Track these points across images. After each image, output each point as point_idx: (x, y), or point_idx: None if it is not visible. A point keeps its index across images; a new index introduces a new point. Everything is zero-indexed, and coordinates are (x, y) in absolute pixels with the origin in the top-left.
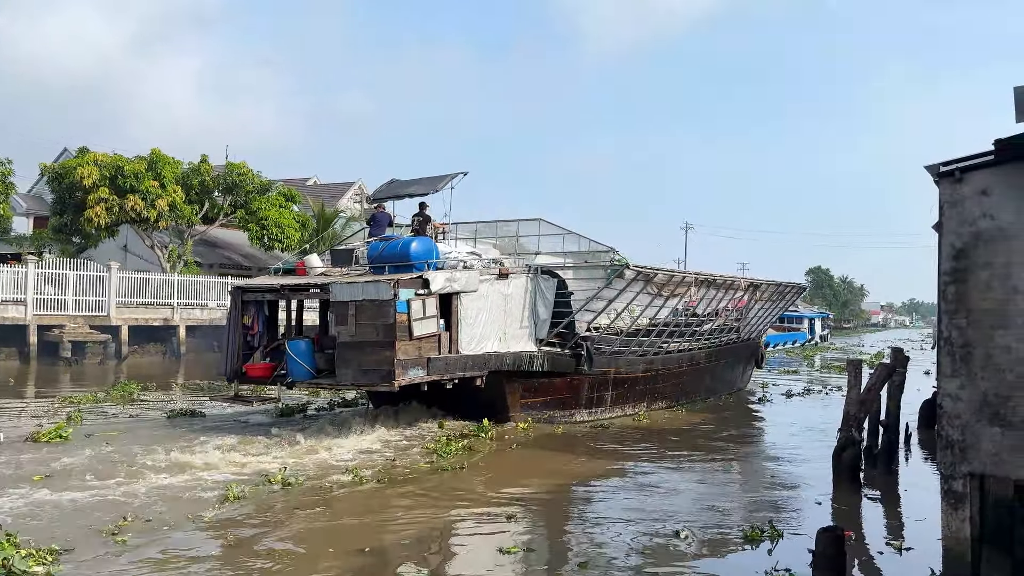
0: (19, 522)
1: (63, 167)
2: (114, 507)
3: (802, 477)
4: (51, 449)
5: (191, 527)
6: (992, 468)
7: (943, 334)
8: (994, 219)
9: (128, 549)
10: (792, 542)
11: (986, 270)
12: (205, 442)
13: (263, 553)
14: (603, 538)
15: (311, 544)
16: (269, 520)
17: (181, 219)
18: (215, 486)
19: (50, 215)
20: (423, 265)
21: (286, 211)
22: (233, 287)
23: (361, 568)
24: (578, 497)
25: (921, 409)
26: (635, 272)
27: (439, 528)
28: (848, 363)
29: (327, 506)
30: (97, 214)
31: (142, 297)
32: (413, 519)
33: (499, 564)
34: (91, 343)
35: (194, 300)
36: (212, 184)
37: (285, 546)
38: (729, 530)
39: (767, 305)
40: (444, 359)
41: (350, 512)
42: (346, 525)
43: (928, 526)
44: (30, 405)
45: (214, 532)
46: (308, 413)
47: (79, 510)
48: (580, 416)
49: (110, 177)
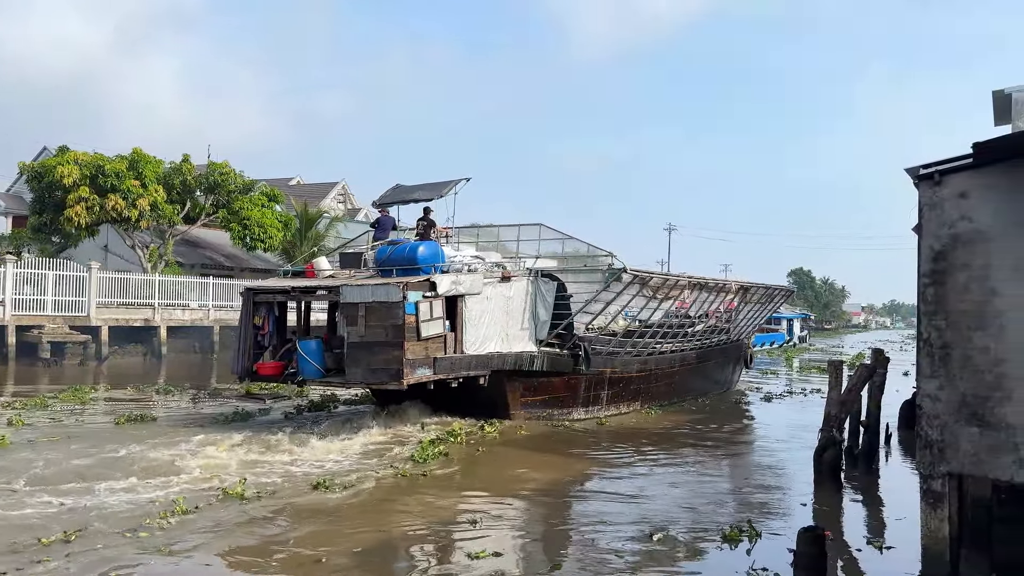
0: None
1: (43, 166)
2: (43, 521)
3: (783, 477)
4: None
5: (123, 543)
6: (970, 468)
7: (922, 335)
8: (972, 221)
9: (50, 573)
10: (772, 542)
11: (964, 272)
12: (156, 445)
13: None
14: (577, 541)
15: (258, 564)
16: (216, 532)
17: (162, 219)
18: (159, 498)
19: (29, 214)
20: (430, 268)
21: (268, 211)
22: (245, 288)
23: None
24: (553, 500)
25: (901, 409)
26: (632, 275)
27: (403, 536)
28: (829, 364)
29: (291, 519)
30: (77, 213)
31: (123, 297)
32: (378, 528)
33: (467, 568)
34: (71, 344)
35: (176, 300)
36: (194, 184)
37: (224, 561)
38: (707, 531)
39: (756, 307)
40: (450, 359)
41: (301, 526)
42: (298, 537)
43: (908, 525)
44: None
45: (152, 548)
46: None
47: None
48: (577, 414)
49: (90, 176)
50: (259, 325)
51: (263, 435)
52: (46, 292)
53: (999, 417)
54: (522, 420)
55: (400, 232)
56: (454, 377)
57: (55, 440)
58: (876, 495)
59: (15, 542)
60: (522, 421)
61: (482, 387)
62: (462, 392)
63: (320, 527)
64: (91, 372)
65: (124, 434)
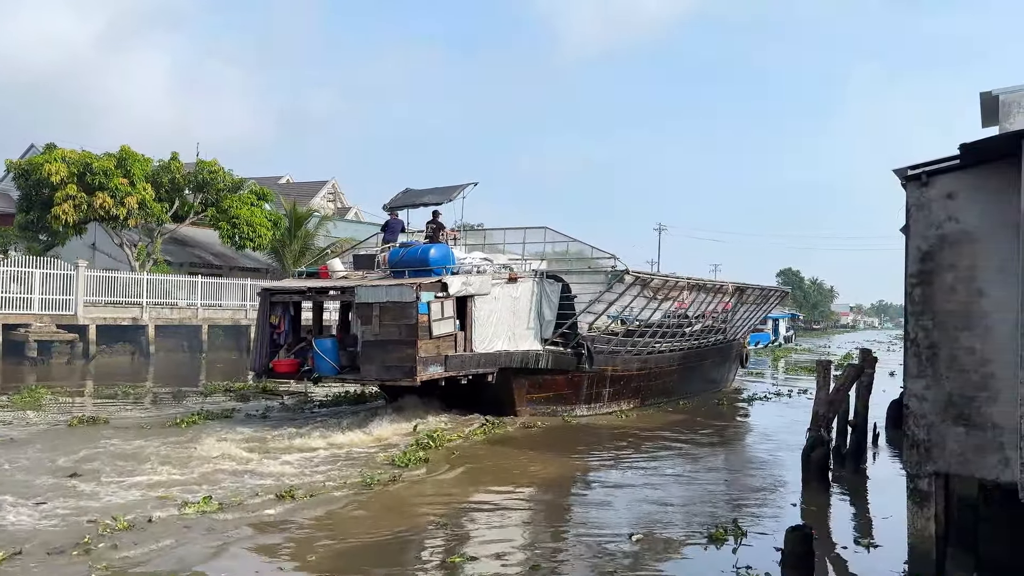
0: None
1: (30, 163)
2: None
3: (771, 477)
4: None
5: (64, 561)
6: (957, 467)
7: (909, 335)
8: (959, 222)
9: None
10: (759, 541)
11: (951, 272)
12: (102, 452)
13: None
14: (560, 543)
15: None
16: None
17: (151, 217)
18: (100, 510)
19: (16, 212)
20: (441, 270)
21: (258, 209)
22: (262, 289)
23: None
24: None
25: (889, 409)
26: (634, 277)
27: (381, 538)
28: (817, 364)
29: (255, 531)
30: (65, 211)
31: (111, 296)
32: (356, 533)
33: (444, 569)
34: (58, 343)
35: (164, 299)
36: (182, 182)
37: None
38: (693, 531)
39: (752, 308)
40: (460, 357)
41: (264, 535)
42: (265, 546)
43: (895, 524)
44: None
45: (85, 565)
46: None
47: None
48: (580, 411)
49: (78, 174)
50: (275, 324)
51: (260, 432)
52: (33, 290)
53: (985, 417)
54: (527, 416)
55: (409, 235)
56: (464, 374)
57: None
58: (864, 494)
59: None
60: (527, 416)
61: (490, 384)
62: (471, 389)
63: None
64: (78, 371)
65: (72, 438)
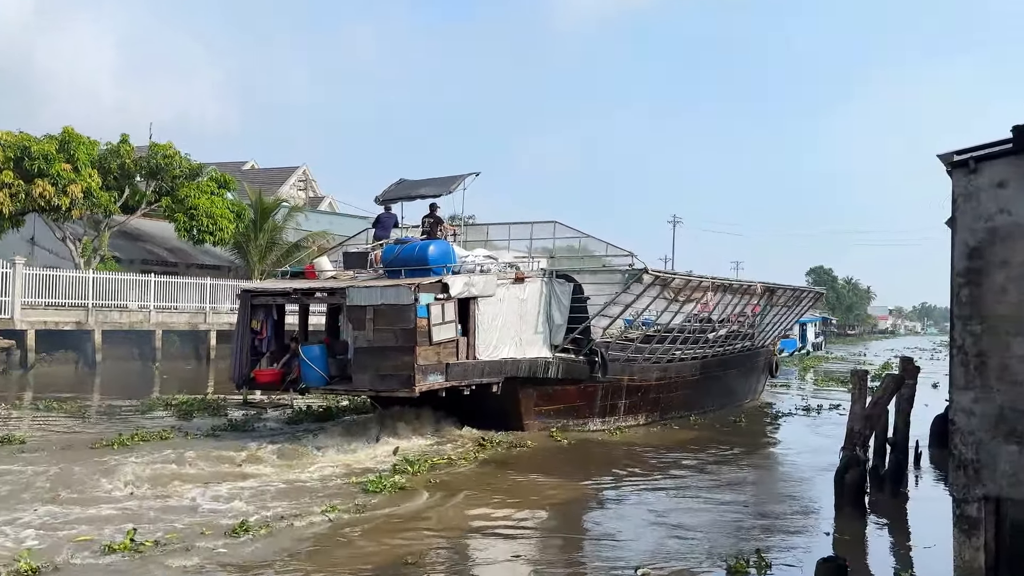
0: None
1: None
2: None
3: (800, 501)
4: None
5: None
6: (1009, 490)
7: (956, 341)
8: (1011, 214)
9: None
10: (786, 574)
11: (1003, 271)
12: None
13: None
14: None
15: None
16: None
17: (97, 207)
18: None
19: None
20: (441, 269)
21: (219, 199)
22: (242, 290)
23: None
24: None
25: (932, 425)
26: (653, 276)
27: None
28: (852, 374)
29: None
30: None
31: (52, 297)
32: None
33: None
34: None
35: (112, 301)
36: (133, 168)
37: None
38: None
39: (783, 311)
40: (462, 365)
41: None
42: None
43: (939, 554)
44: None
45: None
46: None
47: None
48: (593, 425)
49: (15, 159)
50: (256, 329)
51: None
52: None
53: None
54: (535, 430)
55: (403, 230)
56: (467, 384)
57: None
58: (904, 521)
59: None
60: (535, 431)
61: (495, 395)
62: (473, 400)
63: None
64: (15, 382)
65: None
